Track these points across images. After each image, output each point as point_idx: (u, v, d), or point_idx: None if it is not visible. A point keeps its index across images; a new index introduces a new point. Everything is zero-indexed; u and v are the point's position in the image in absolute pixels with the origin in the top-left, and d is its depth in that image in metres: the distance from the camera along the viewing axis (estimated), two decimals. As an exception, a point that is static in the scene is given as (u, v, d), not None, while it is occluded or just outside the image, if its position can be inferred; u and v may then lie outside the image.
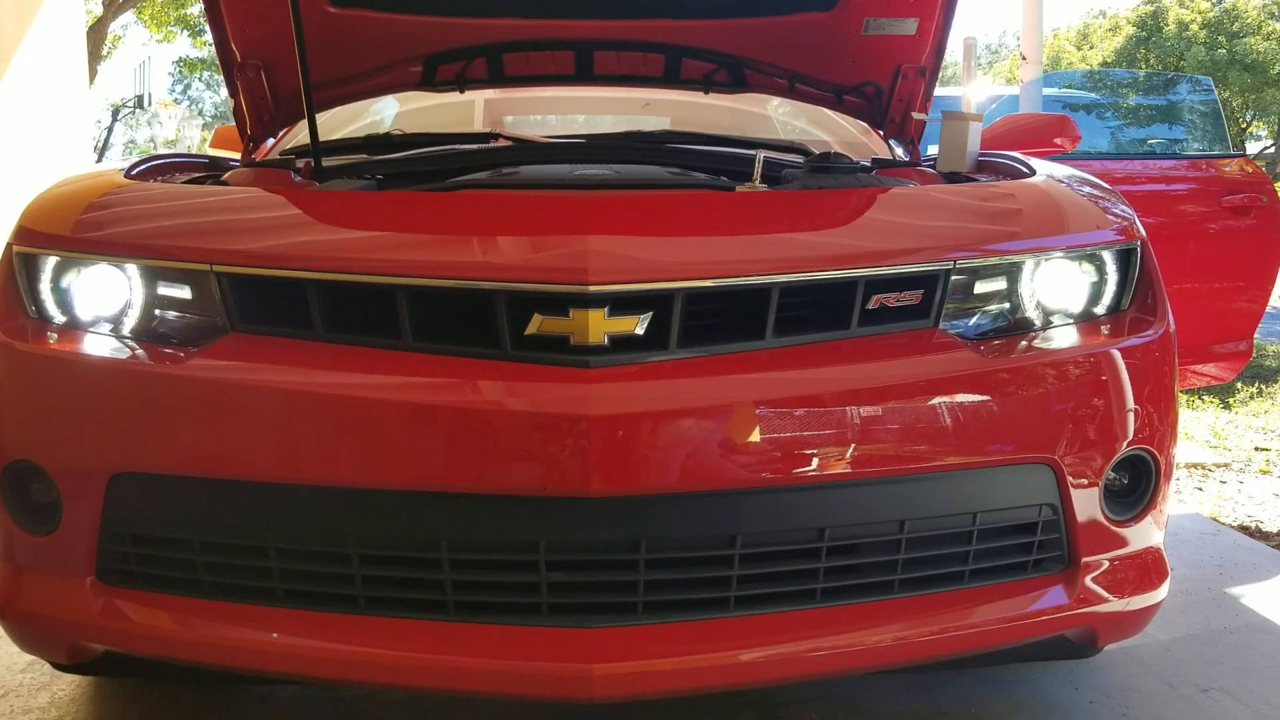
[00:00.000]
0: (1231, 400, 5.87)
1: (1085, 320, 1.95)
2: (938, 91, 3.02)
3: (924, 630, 1.77)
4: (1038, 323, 1.91)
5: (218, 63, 2.80)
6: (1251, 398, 5.93)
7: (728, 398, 1.69)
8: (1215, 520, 3.64)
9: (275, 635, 1.73)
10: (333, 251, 1.80)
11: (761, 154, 2.20)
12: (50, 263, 1.89)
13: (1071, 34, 29.45)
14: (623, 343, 1.70)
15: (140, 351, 1.80)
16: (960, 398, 1.77)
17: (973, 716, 2.17)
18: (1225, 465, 4.48)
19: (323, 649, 1.72)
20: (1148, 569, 1.97)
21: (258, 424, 1.71)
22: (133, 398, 1.77)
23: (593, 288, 1.67)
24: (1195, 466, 4.44)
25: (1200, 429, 5.15)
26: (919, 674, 2.32)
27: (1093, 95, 6.26)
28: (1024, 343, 1.87)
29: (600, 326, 1.68)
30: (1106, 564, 1.91)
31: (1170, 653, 2.48)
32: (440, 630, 1.71)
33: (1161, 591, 1.98)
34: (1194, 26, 24.39)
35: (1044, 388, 1.82)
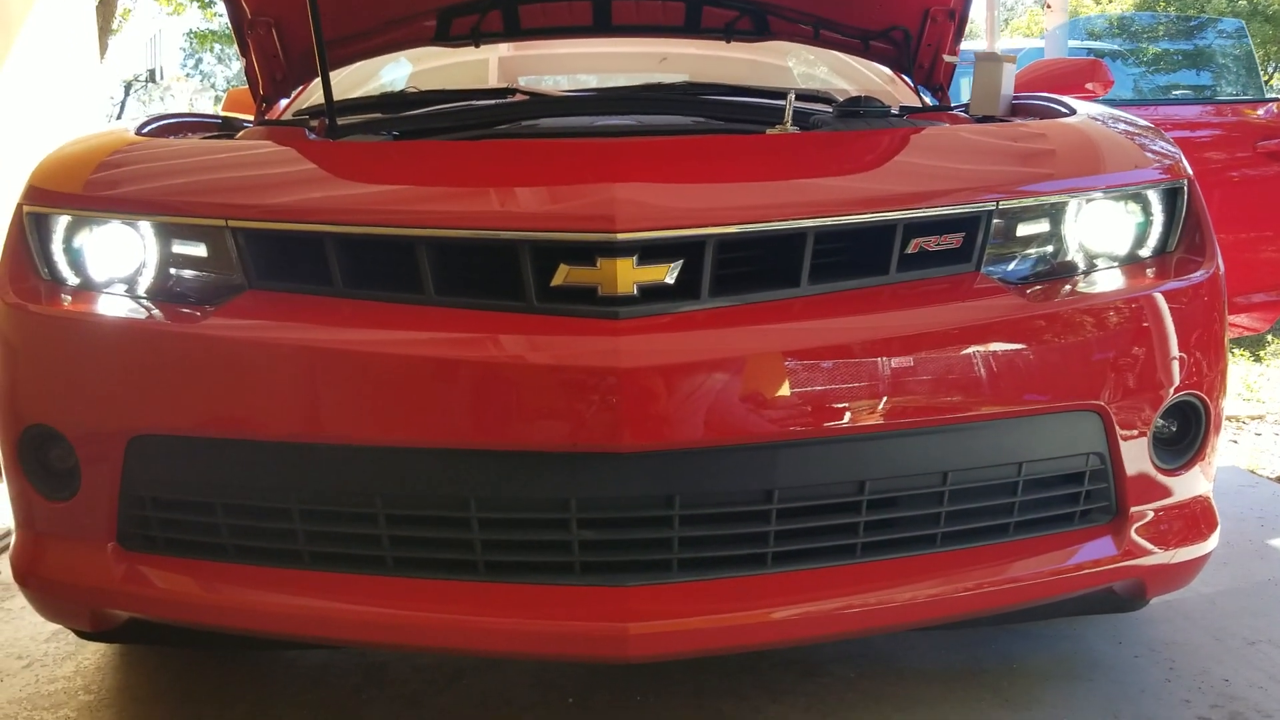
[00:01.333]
0: (1262, 353, 5.77)
1: (1131, 262, 1.87)
2: (955, 48, 2.92)
3: (969, 584, 1.72)
4: (1082, 265, 1.84)
5: (229, 24, 2.73)
6: (1283, 350, 5.83)
7: (763, 348, 1.63)
8: (1253, 472, 3.57)
9: (301, 598, 1.69)
10: (351, 204, 1.75)
11: (792, 95, 2.13)
12: (62, 222, 1.84)
13: (1090, -12, 28.97)
14: (653, 292, 1.64)
15: (156, 311, 1.75)
16: (1005, 344, 1.70)
17: (1015, 673, 2.12)
18: (1259, 417, 4.40)
19: (350, 611, 1.68)
20: (1196, 519, 1.91)
21: (278, 383, 1.67)
22: (149, 359, 1.72)
23: (621, 236, 1.61)
24: (1230, 419, 4.36)
25: (1232, 381, 5.06)
26: (958, 631, 2.27)
27: (1115, 44, 6.13)
28: (1068, 286, 1.80)
29: (629, 276, 1.62)
30: (1155, 514, 1.85)
31: (1215, 606, 2.42)
32: (470, 591, 1.67)
33: (1211, 542, 1.92)
34: (1215, -23, 23.96)
35: (1090, 332, 1.76)
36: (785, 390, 1.62)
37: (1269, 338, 6.02)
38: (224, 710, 2.05)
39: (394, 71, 3.52)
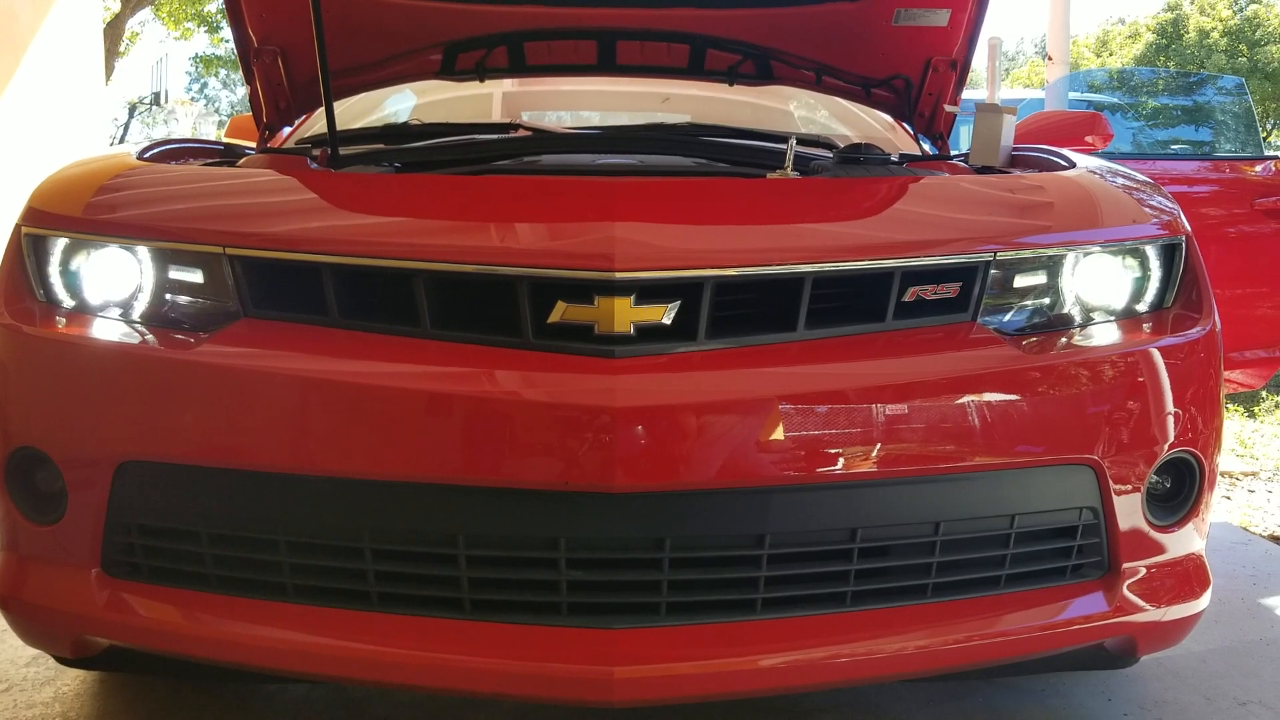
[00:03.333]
0: (1256, 409, 5.78)
1: (1127, 317, 1.88)
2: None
3: (960, 637, 1.70)
4: (1078, 319, 1.85)
5: (234, 51, 2.75)
6: (1277, 406, 5.83)
7: (758, 391, 1.62)
8: (1246, 530, 3.56)
9: (284, 632, 1.67)
10: (350, 235, 1.75)
11: (794, 140, 2.14)
12: (60, 245, 1.83)
13: (1090, 41, 29.30)
14: (649, 332, 1.63)
15: (150, 337, 1.75)
16: (1000, 395, 1.70)
17: (1003, 727, 2.10)
18: (1253, 474, 4.39)
19: (333, 647, 1.66)
20: (1189, 577, 1.90)
21: (270, 412, 1.66)
22: (141, 384, 1.71)
23: (619, 274, 1.61)
24: (1223, 475, 4.35)
25: (1226, 437, 5.06)
26: (946, 683, 2.24)
27: (1115, 97, 6.17)
28: (1064, 339, 1.80)
29: (626, 315, 1.62)
30: (1148, 571, 1.84)
31: (1205, 665, 2.40)
32: (455, 629, 1.65)
33: (1203, 601, 1.91)
34: (1214, 34, 24.26)
35: (1086, 386, 1.75)
36: (780, 434, 1.61)
37: (1263, 394, 6.02)
38: (202, 742, 2.02)
39: (397, 103, 3.53)
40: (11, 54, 5.02)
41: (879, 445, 1.64)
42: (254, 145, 2.81)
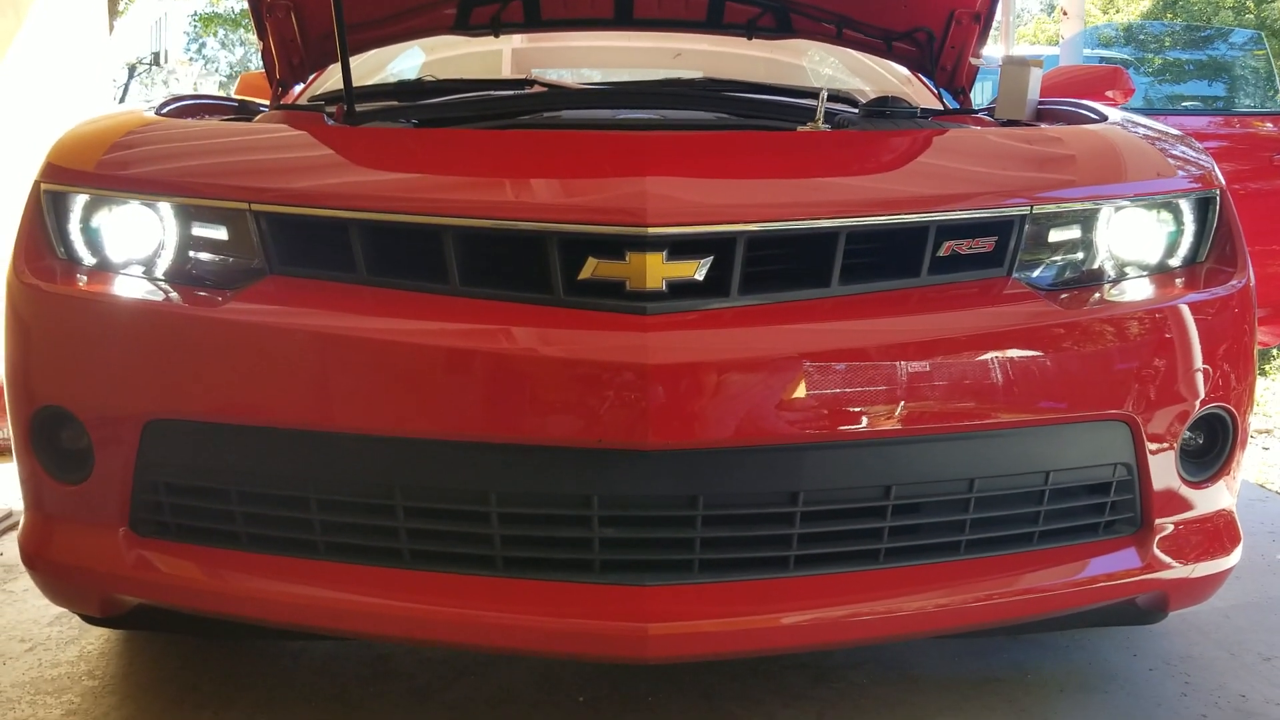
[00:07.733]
0: (1268, 368, 5.76)
1: (1161, 272, 1.85)
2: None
3: (993, 593, 1.70)
4: (1112, 273, 1.82)
5: (235, 10, 2.71)
6: (1289, 365, 5.82)
7: (791, 347, 1.60)
8: (1263, 487, 3.56)
9: (315, 589, 1.67)
10: (377, 190, 1.72)
11: (824, 93, 2.10)
12: (80, 201, 1.81)
13: (1097, -2, 28.98)
14: (681, 289, 1.61)
15: (174, 294, 1.73)
16: (1036, 351, 1.68)
17: (1029, 684, 2.10)
18: (1268, 432, 4.39)
19: (365, 604, 1.66)
20: (1220, 533, 1.89)
21: (297, 370, 1.64)
22: (167, 342, 1.69)
23: (651, 230, 1.59)
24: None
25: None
26: (972, 639, 2.24)
27: (1125, 52, 6.10)
28: (1099, 294, 1.78)
29: (658, 271, 1.60)
30: (1180, 527, 1.83)
31: (1229, 620, 2.40)
32: (488, 586, 1.64)
33: (1234, 556, 1.90)
34: (1222, -10, 23.96)
35: (1121, 341, 1.74)
36: (813, 391, 1.59)
37: (1274, 352, 6.01)
38: (229, 699, 2.02)
39: (407, 60, 3.49)
40: (13, 11, 4.95)
41: (914, 402, 1.62)
42: (266, 103, 2.78)
